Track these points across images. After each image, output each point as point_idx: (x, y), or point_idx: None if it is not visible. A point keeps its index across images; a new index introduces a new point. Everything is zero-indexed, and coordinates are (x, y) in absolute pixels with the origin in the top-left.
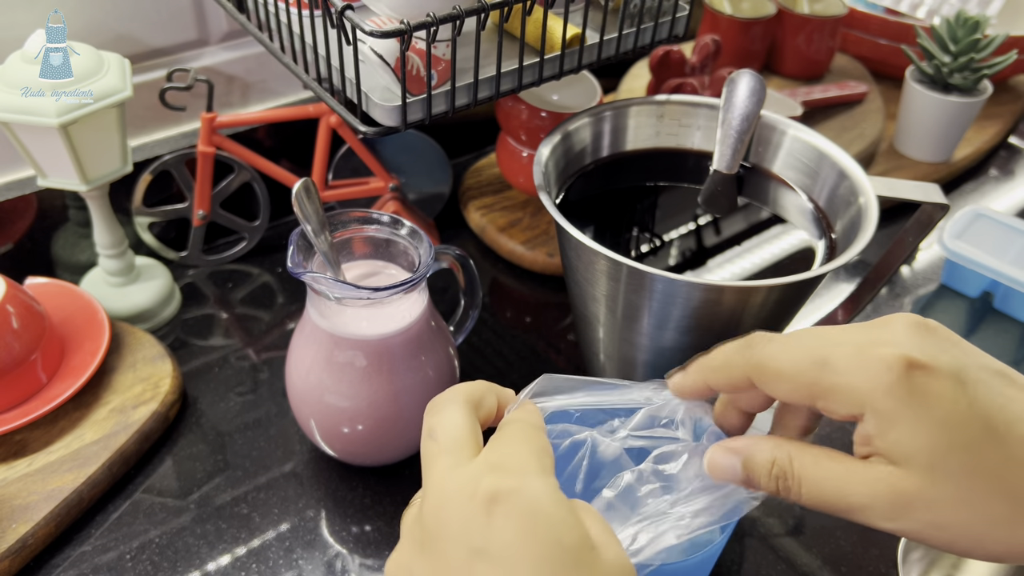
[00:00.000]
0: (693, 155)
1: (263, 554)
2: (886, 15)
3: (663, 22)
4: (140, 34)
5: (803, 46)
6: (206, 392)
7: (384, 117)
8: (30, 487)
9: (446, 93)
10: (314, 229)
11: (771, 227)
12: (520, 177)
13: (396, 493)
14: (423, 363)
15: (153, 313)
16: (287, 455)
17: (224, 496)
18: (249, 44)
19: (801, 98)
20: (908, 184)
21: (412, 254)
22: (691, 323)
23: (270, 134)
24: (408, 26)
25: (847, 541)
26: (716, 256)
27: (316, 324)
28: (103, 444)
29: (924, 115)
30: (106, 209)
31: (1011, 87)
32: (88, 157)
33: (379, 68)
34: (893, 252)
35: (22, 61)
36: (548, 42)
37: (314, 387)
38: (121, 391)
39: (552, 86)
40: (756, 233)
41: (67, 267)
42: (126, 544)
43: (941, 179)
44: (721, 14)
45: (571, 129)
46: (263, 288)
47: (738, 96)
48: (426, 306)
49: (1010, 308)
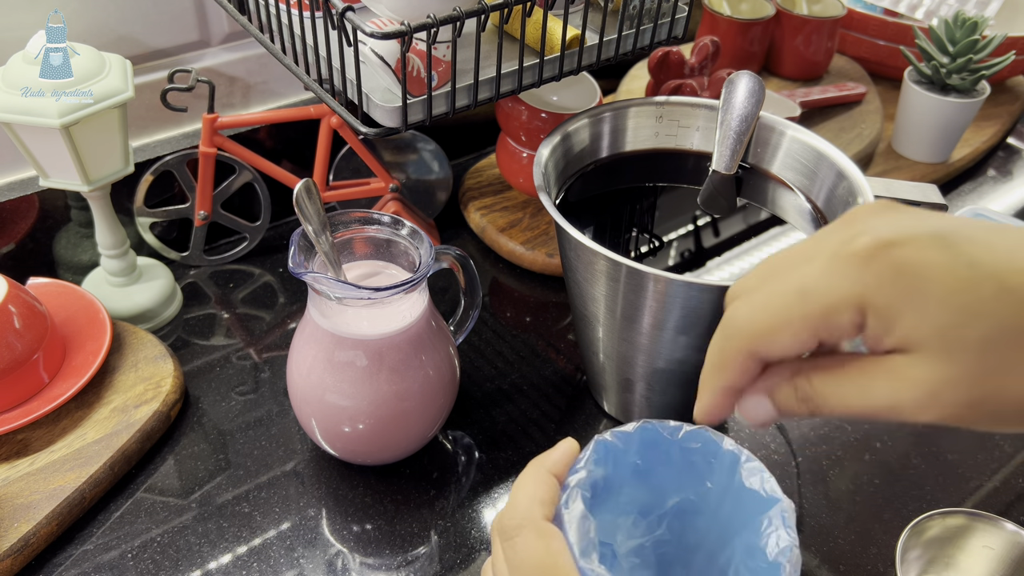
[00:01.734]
0: (692, 156)
1: (264, 553)
2: (884, 16)
3: (662, 23)
4: (142, 35)
5: (802, 47)
6: (208, 391)
7: (385, 118)
8: (32, 486)
9: (446, 94)
10: (315, 229)
11: (770, 227)
12: (520, 178)
13: (397, 492)
14: (423, 363)
15: (155, 313)
16: (288, 454)
17: (226, 495)
18: (250, 45)
19: (800, 99)
20: (906, 185)
21: (412, 254)
22: (690, 323)
23: (271, 135)
24: (409, 27)
25: (845, 540)
26: (715, 256)
27: (317, 324)
28: (105, 443)
29: (922, 116)
30: (108, 209)
31: (1009, 88)
32: (90, 157)
33: (380, 69)
34: None
35: (23, 62)
36: (548, 43)
37: (315, 386)
38: (123, 391)
39: (552, 87)
40: (755, 233)
41: (69, 267)
42: (128, 543)
43: (939, 180)
44: (720, 15)
45: (571, 130)
46: (264, 288)
47: (737, 97)
48: (426, 306)
49: None
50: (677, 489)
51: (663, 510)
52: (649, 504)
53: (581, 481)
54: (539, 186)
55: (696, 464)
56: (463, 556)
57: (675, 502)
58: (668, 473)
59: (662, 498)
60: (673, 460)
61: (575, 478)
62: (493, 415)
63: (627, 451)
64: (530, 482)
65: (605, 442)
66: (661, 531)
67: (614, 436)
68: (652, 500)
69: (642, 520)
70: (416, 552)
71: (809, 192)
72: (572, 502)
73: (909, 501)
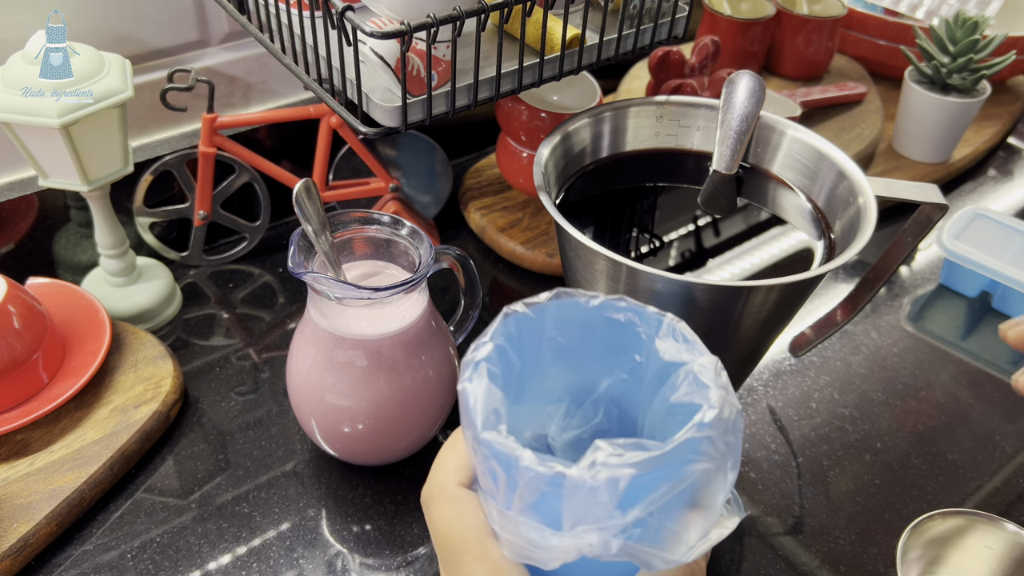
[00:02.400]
0: (692, 156)
1: (264, 553)
2: (885, 16)
3: (662, 23)
4: (141, 35)
5: (802, 47)
6: (207, 392)
7: (384, 118)
8: (32, 486)
9: (446, 94)
10: (315, 229)
11: (770, 227)
12: (520, 178)
13: (396, 492)
14: (423, 363)
15: (154, 313)
16: (288, 454)
17: (225, 495)
18: (250, 45)
19: (800, 99)
20: (907, 184)
21: (412, 254)
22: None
23: (271, 135)
24: (408, 27)
25: (846, 540)
26: (716, 256)
27: (317, 324)
28: (104, 443)
29: (923, 116)
30: (107, 209)
31: (1010, 88)
32: (89, 157)
33: (379, 69)
34: (892, 252)
35: (23, 62)
36: (548, 43)
37: (315, 387)
38: (122, 391)
39: (552, 87)
40: (755, 233)
41: (68, 267)
42: (127, 543)
43: (940, 179)
44: (720, 15)
45: (571, 130)
46: (264, 288)
47: (737, 97)
48: (426, 306)
49: (1008, 308)
50: (607, 368)
51: (596, 395)
52: (580, 388)
53: (487, 354)
54: (539, 186)
55: (621, 338)
56: None
57: (607, 384)
58: (593, 350)
59: (593, 381)
60: (596, 334)
61: (478, 352)
62: None
63: (542, 324)
64: (445, 452)
65: (516, 314)
66: (598, 419)
67: (526, 306)
68: (582, 383)
69: (576, 409)
70: (416, 552)
71: (810, 192)
72: (476, 376)
73: (910, 501)
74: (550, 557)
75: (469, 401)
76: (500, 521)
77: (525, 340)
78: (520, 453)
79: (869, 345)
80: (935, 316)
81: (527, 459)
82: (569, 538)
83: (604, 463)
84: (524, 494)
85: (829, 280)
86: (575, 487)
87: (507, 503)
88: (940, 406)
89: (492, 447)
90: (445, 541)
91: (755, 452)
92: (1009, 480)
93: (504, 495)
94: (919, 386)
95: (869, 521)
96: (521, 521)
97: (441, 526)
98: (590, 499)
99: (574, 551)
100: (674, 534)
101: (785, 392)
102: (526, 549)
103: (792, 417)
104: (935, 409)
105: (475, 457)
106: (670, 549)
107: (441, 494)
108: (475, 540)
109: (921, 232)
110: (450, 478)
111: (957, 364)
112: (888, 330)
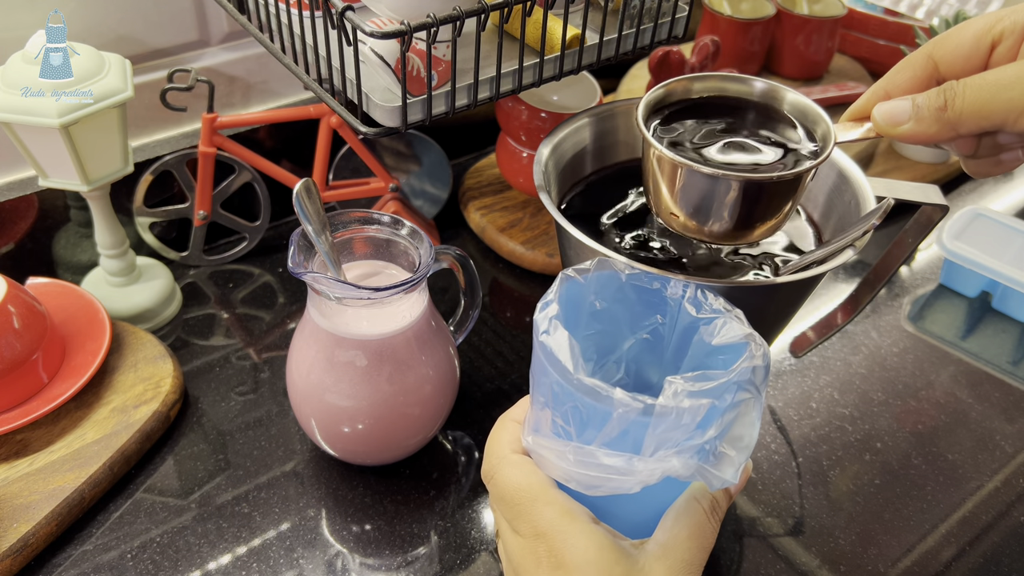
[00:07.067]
0: None
1: (264, 553)
2: (885, 16)
3: (663, 23)
4: (141, 35)
5: (802, 47)
6: (207, 392)
7: (384, 118)
8: (31, 486)
9: (446, 94)
10: (315, 229)
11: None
12: (520, 177)
13: (396, 492)
14: (423, 363)
15: (154, 313)
16: (288, 454)
17: (225, 495)
18: (250, 45)
19: None
20: (907, 185)
21: (412, 254)
22: None
23: (271, 134)
24: (408, 27)
25: (846, 540)
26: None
27: (317, 324)
28: (104, 444)
29: None
30: (107, 209)
31: None
32: (89, 157)
33: (379, 69)
34: (892, 253)
35: (23, 62)
36: (548, 43)
37: (315, 387)
38: (122, 391)
39: (552, 87)
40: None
41: (68, 267)
42: (127, 543)
43: (940, 180)
44: (720, 15)
45: (571, 129)
46: (264, 288)
47: None
48: (426, 306)
49: (1008, 308)
50: (632, 330)
51: (619, 353)
52: (606, 348)
53: (557, 312)
54: (539, 186)
55: (649, 303)
56: (463, 556)
57: (630, 344)
58: (622, 314)
59: (618, 341)
60: (627, 299)
61: (549, 310)
62: (493, 415)
63: (587, 289)
64: (496, 431)
65: (570, 279)
66: (620, 375)
67: (576, 272)
68: (608, 343)
69: (599, 369)
70: (416, 552)
71: (809, 192)
72: (553, 329)
73: (910, 501)
74: (634, 481)
75: (554, 351)
76: (578, 457)
77: (572, 303)
78: (611, 391)
79: (869, 345)
80: (935, 316)
81: (619, 394)
82: (654, 462)
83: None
84: (612, 428)
85: (829, 280)
86: (663, 414)
87: (589, 439)
88: (940, 406)
89: (585, 386)
90: (514, 498)
91: (755, 452)
92: (1009, 480)
93: (586, 432)
94: (919, 386)
95: (869, 521)
96: (604, 453)
97: (508, 487)
98: (675, 424)
99: (659, 472)
100: (726, 457)
101: (785, 392)
102: (606, 479)
103: (792, 417)
104: (935, 409)
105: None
106: (723, 470)
107: (501, 462)
108: (541, 489)
109: (922, 233)
110: (506, 448)
111: (957, 364)
112: (888, 330)
